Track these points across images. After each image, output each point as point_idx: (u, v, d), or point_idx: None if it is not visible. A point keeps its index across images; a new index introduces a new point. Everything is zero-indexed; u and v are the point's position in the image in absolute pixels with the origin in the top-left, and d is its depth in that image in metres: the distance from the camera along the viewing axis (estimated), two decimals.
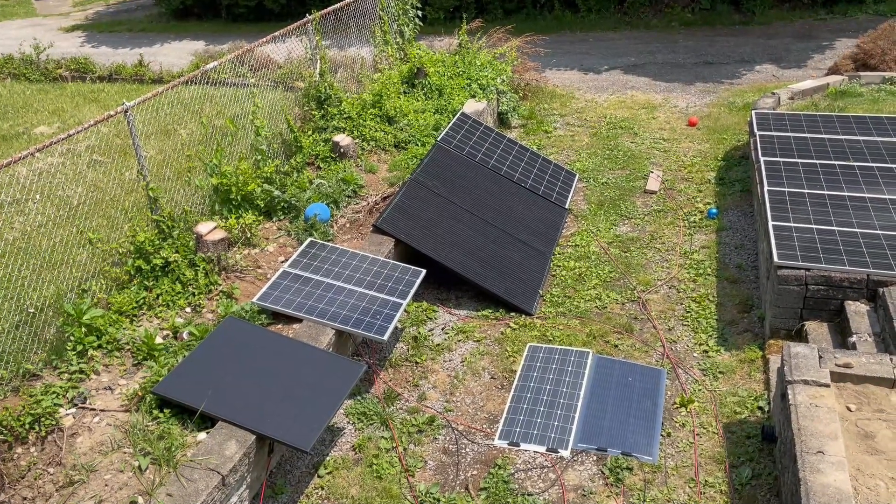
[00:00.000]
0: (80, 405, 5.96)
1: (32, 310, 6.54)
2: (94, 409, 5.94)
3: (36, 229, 8.03)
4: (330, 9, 11.21)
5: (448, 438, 6.39)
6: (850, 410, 5.29)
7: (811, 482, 4.60)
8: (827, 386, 5.33)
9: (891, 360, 5.56)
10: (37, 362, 6.25)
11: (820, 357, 5.59)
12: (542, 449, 6.15)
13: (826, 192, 8.05)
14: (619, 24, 18.64)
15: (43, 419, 5.68)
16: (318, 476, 6.08)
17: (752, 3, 18.12)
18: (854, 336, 6.30)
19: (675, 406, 6.53)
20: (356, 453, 6.28)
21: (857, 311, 6.59)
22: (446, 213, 8.81)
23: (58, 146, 7.64)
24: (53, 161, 9.98)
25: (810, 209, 7.73)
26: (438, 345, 7.52)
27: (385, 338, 6.84)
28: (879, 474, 4.77)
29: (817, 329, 6.76)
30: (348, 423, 6.61)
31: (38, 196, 8.75)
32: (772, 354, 6.82)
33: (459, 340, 7.59)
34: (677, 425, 6.33)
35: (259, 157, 8.98)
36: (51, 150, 9.11)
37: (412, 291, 7.50)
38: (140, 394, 5.98)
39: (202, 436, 5.64)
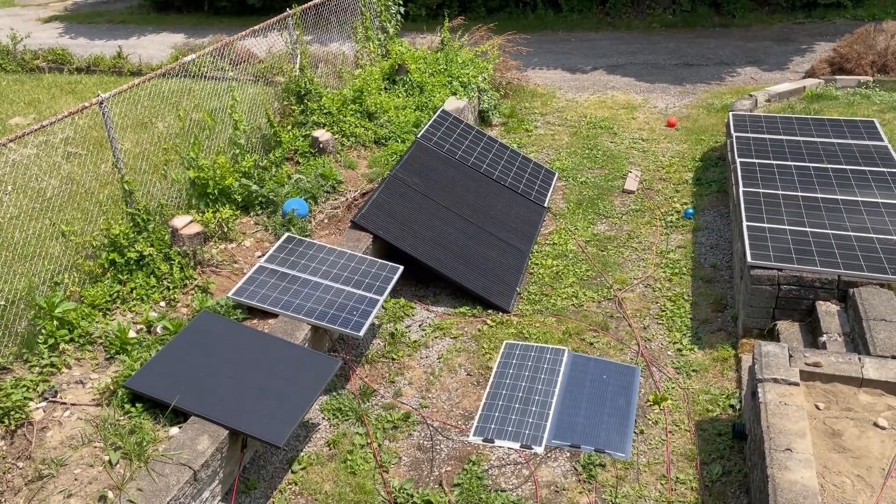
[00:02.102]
0: (50, 399, 5.91)
1: (3, 302, 6.46)
2: (64, 403, 5.88)
3: (8, 221, 7.94)
4: (311, 3, 11.17)
5: (423, 435, 6.40)
6: (819, 409, 5.36)
7: (779, 479, 4.66)
8: (796, 384, 5.39)
9: (859, 359, 5.64)
10: (7, 355, 6.18)
11: (790, 356, 5.66)
12: (517, 445, 6.17)
13: (800, 194, 8.15)
14: (600, 24, 18.73)
15: (13, 413, 5.62)
16: (292, 471, 6.07)
17: (733, 6, 18.28)
18: (824, 336, 6.38)
19: (649, 404, 6.59)
20: (330, 449, 6.27)
21: (828, 311, 6.68)
22: (425, 209, 8.81)
23: (32, 137, 7.56)
24: (28, 152, 9.87)
25: (784, 210, 7.81)
26: (415, 341, 7.53)
27: (361, 334, 6.83)
28: (846, 472, 4.84)
29: (789, 328, 6.84)
30: (323, 418, 6.60)
31: (10, 187, 8.65)
32: (744, 353, 6.90)
33: (436, 337, 7.60)
34: (650, 423, 6.38)
35: (237, 152, 8.93)
36: (25, 141, 9.01)
37: (389, 288, 7.50)
38: (112, 388, 5.94)
39: (174, 430, 5.61)
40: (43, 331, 6.36)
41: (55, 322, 6.40)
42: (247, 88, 10.07)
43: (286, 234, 8.07)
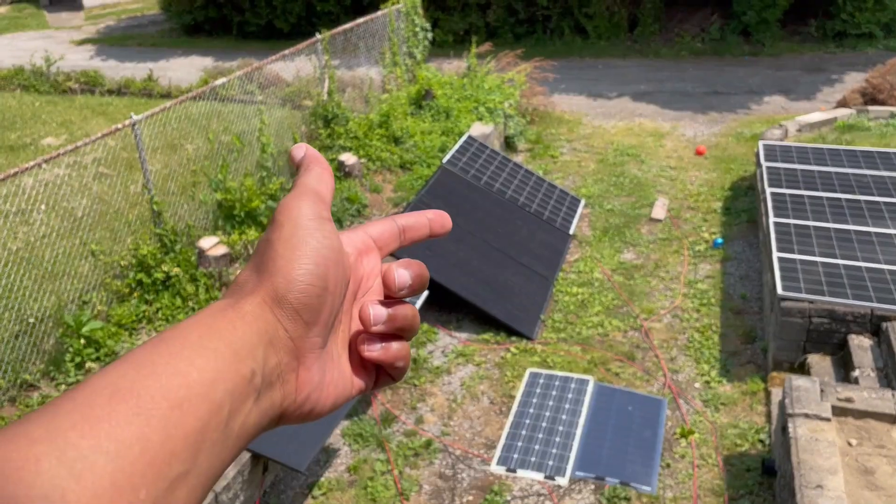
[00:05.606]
0: None
1: (32, 320, 6.52)
2: None
3: (39, 239, 8.04)
4: (339, 29, 11.30)
5: (444, 463, 6.33)
6: (851, 445, 5.22)
7: None
8: (828, 420, 5.26)
9: (892, 395, 5.49)
10: (35, 373, 6.23)
11: (821, 391, 5.53)
12: (540, 476, 6.08)
13: (831, 226, 8.02)
14: (628, 51, 18.73)
15: None
16: (313, 497, 6.02)
17: (762, 35, 18.21)
18: (856, 370, 6.24)
19: (675, 436, 6.46)
20: (351, 475, 6.21)
21: (860, 345, 6.53)
22: (450, 234, 8.78)
23: (64, 157, 7.67)
24: (60, 172, 10.01)
25: (815, 242, 7.69)
26: (438, 367, 7.47)
27: None
28: None
29: (820, 362, 6.70)
30: (344, 444, 6.55)
31: (42, 206, 8.77)
32: (774, 387, 6.76)
33: (459, 364, 7.54)
34: (677, 456, 6.25)
35: (264, 174, 9.00)
36: (57, 162, 9.13)
37: None
38: None
39: None
40: (70, 349, 6.41)
41: (82, 340, 6.45)
42: (274, 112, 10.18)
43: None
